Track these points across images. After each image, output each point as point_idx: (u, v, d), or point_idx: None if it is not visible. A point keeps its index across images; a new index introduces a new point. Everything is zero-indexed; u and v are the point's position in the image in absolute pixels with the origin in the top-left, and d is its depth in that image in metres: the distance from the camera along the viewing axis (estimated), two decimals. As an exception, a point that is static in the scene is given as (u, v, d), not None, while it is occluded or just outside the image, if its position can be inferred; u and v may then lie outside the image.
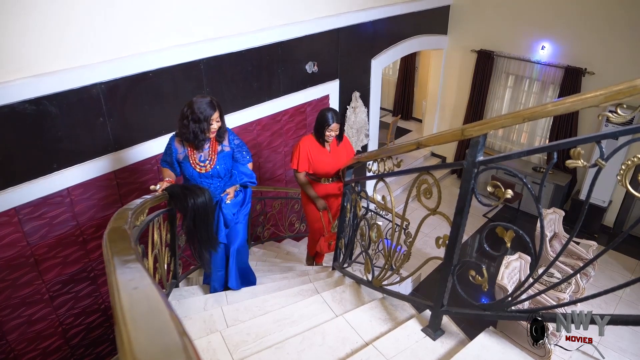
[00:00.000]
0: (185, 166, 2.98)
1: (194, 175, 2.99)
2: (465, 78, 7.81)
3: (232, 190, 3.14)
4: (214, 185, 3.07)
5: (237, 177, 3.18)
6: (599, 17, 6.02)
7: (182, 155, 2.97)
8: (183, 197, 2.75)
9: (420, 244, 6.25)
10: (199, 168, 2.98)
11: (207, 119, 2.80)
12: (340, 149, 3.85)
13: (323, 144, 3.76)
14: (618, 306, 5.25)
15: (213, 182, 3.05)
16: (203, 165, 2.98)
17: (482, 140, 1.72)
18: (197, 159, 2.97)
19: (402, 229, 2.48)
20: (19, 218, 3.46)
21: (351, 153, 3.89)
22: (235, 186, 3.18)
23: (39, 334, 3.88)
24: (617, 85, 1.26)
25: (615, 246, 1.45)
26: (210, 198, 2.87)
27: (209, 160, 2.99)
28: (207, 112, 2.78)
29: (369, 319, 2.48)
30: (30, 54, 3.16)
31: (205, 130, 2.82)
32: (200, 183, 3.00)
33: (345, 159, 3.76)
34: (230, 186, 3.15)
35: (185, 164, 2.97)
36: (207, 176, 3.02)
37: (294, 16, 4.94)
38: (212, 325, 2.65)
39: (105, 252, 1.27)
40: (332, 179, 3.87)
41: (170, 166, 3.03)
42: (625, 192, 1.32)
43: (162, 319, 0.73)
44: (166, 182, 2.85)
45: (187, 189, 2.81)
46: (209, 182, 3.03)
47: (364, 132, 6.62)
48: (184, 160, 2.97)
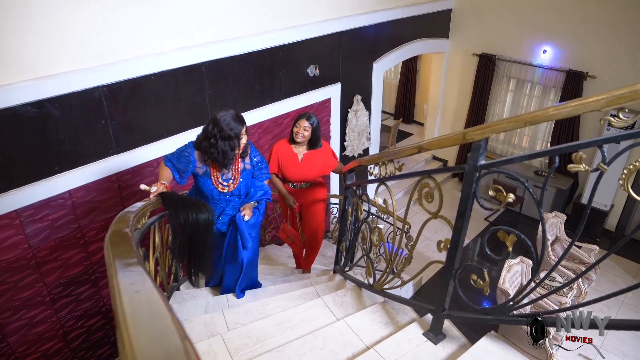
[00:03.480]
0: (205, 183, 2.76)
1: (214, 194, 2.79)
2: (467, 81, 7.82)
3: (249, 207, 2.94)
4: (232, 203, 2.91)
5: (255, 192, 2.99)
6: (600, 20, 6.02)
7: (201, 170, 2.74)
8: (183, 209, 2.38)
9: (422, 247, 6.24)
10: (221, 187, 2.78)
11: (238, 136, 2.61)
12: (315, 158, 3.67)
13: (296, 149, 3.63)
14: (620, 310, 5.24)
15: (231, 200, 2.88)
16: (226, 185, 2.79)
17: (483, 144, 1.72)
18: (219, 177, 2.77)
19: (403, 233, 2.48)
20: (21, 220, 3.46)
21: (330, 163, 3.74)
22: (252, 203, 2.99)
23: (40, 336, 3.88)
24: (619, 89, 1.26)
25: (617, 250, 1.44)
26: (212, 220, 2.50)
27: (232, 180, 2.80)
28: (237, 129, 2.59)
29: (370, 323, 2.48)
30: (33, 56, 3.17)
31: (235, 147, 2.63)
32: (218, 201, 2.84)
33: (319, 169, 3.70)
34: (246, 202, 2.97)
35: (204, 180, 2.76)
36: (227, 195, 2.83)
37: (295, 19, 4.95)
38: (213, 328, 2.64)
39: (107, 255, 1.27)
40: (300, 185, 3.77)
41: (178, 172, 2.72)
42: (627, 196, 1.31)
43: (163, 323, 0.73)
44: (162, 185, 2.56)
45: (191, 202, 2.45)
46: (227, 200, 2.86)
47: (366, 135, 6.62)
48: (204, 177, 2.75)
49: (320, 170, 3.73)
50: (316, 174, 3.74)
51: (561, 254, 1.60)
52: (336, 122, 6.15)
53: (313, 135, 3.58)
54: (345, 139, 6.41)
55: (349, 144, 6.44)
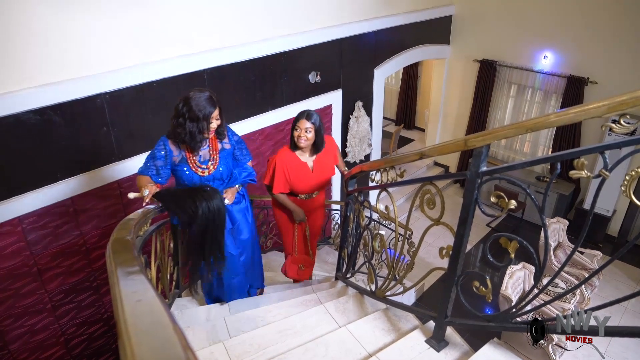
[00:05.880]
0: (183, 171, 2.61)
1: (195, 179, 2.63)
2: (468, 87, 7.83)
3: (232, 191, 2.79)
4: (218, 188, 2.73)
5: (239, 174, 2.83)
6: (601, 26, 6.04)
7: (178, 158, 2.59)
8: (190, 201, 2.28)
9: (424, 253, 6.22)
10: (200, 171, 2.63)
11: (207, 118, 2.46)
12: (324, 159, 3.32)
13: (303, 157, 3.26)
14: (624, 317, 5.21)
15: (214, 184, 2.71)
16: (205, 168, 2.64)
17: (485, 151, 1.72)
18: (197, 161, 2.62)
19: (405, 239, 2.47)
20: (23, 227, 3.46)
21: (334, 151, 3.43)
22: (236, 187, 2.84)
23: (41, 343, 3.87)
24: (620, 96, 1.26)
25: (620, 256, 1.44)
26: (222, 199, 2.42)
27: (211, 161, 2.66)
28: (206, 110, 2.44)
29: (372, 330, 2.47)
30: (35, 64, 3.19)
31: (203, 130, 2.47)
32: None
33: (331, 166, 3.40)
34: (230, 186, 2.81)
35: (182, 167, 2.61)
36: (209, 179, 2.67)
37: (297, 26, 4.97)
38: (214, 335, 2.64)
39: (109, 263, 1.27)
40: (312, 195, 3.43)
41: (156, 172, 2.57)
42: (630, 201, 1.31)
43: (165, 333, 0.73)
44: (152, 186, 2.40)
45: (193, 190, 2.38)
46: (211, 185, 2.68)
47: (367, 141, 6.63)
48: (181, 164, 2.60)
49: (332, 171, 3.44)
50: (330, 177, 3.44)
51: (563, 259, 1.60)
52: (337, 129, 6.16)
53: (317, 136, 3.14)
54: (347, 145, 6.42)
55: (351, 150, 6.45)
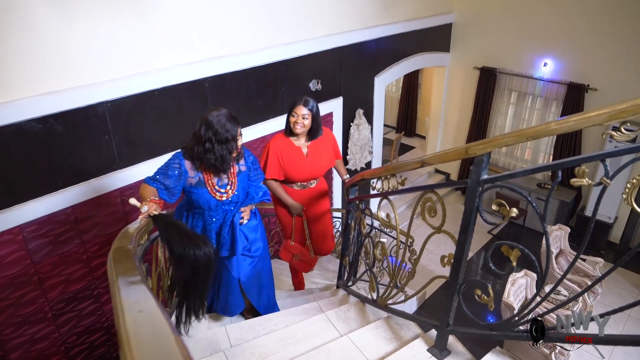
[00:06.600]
0: (200, 193, 2.47)
1: (211, 203, 2.51)
2: (468, 95, 7.85)
3: (248, 209, 2.69)
4: (232, 211, 2.62)
5: (255, 193, 2.72)
6: (601, 33, 6.06)
7: (194, 180, 2.44)
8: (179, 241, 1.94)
9: (425, 261, 6.20)
10: (218, 195, 2.50)
11: (235, 138, 2.37)
12: (321, 148, 3.27)
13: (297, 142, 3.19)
14: (627, 324, 5.18)
15: (229, 207, 2.60)
16: (224, 192, 2.52)
17: (486, 159, 1.72)
18: (215, 185, 2.49)
19: (406, 247, 2.47)
20: (24, 236, 3.46)
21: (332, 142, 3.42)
22: (251, 205, 2.74)
23: (42, 352, 3.85)
24: (621, 103, 1.26)
25: (623, 263, 1.43)
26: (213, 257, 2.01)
27: (229, 185, 2.54)
28: (233, 130, 2.34)
29: (374, 339, 2.45)
30: (36, 72, 3.20)
31: (233, 150, 2.39)
32: (216, 212, 2.56)
33: (327, 161, 3.34)
34: (246, 205, 2.70)
35: (199, 190, 2.46)
36: (226, 203, 2.56)
37: (298, 34, 5.00)
38: (215, 345, 2.62)
39: (110, 272, 1.27)
40: (309, 184, 3.35)
41: (166, 190, 2.38)
42: (631, 208, 1.31)
43: (167, 343, 0.73)
44: (153, 204, 2.19)
45: (187, 233, 1.99)
46: (226, 208, 2.59)
47: (368, 148, 6.63)
48: (198, 187, 2.46)
49: (328, 162, 3.39)
50: (325, 168, 3.38)
51: (565, 266, 1.59)
52: (338, 136, 6.17)
53: (314, 122, 3.13)
54: (348, 153, 6.42)
55: (352, 157, 6.46)
